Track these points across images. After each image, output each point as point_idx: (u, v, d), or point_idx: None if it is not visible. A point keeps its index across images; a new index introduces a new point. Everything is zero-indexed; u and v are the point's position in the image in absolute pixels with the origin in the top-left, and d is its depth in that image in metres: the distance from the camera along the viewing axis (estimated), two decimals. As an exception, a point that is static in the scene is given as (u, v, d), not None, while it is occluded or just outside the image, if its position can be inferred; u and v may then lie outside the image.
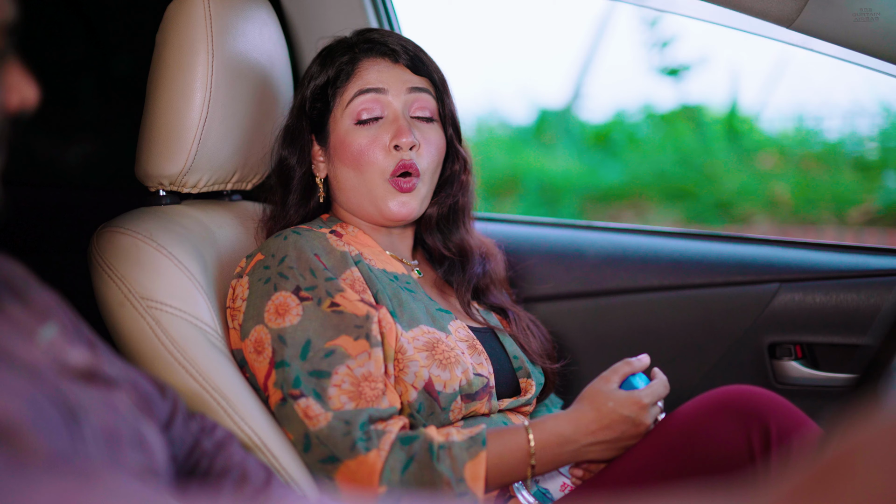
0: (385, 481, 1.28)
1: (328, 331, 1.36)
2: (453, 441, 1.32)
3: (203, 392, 1.35)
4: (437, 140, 1.56)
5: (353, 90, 1.53)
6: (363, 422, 1.31)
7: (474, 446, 1.31)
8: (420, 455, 1.29)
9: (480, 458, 1.30)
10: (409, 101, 1.54)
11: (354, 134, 1.53)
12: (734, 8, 1.55)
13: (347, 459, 1.30)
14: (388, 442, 1.29)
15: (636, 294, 1.94)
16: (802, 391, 1.82)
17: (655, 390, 1.39)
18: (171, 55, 1.50)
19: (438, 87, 1.57)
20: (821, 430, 1.33)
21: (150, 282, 1.39)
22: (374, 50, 1.55)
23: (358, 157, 1.52)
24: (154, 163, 1.52)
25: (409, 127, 1.52)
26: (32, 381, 0.84)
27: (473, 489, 1.29)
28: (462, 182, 1.63)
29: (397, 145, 1.50)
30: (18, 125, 0.90)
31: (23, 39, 0.88)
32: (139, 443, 0.95)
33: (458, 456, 1.30)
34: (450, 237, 1.64)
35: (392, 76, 1.54)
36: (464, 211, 1.65)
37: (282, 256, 1.42)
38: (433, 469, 1.28)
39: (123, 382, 1.01)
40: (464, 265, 1.64)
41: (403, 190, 1.52)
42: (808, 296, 1.82)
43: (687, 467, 1.31)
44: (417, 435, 1.32)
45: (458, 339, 1.49)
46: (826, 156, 4.86)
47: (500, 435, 1.35)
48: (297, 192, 1.58)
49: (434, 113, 1.56)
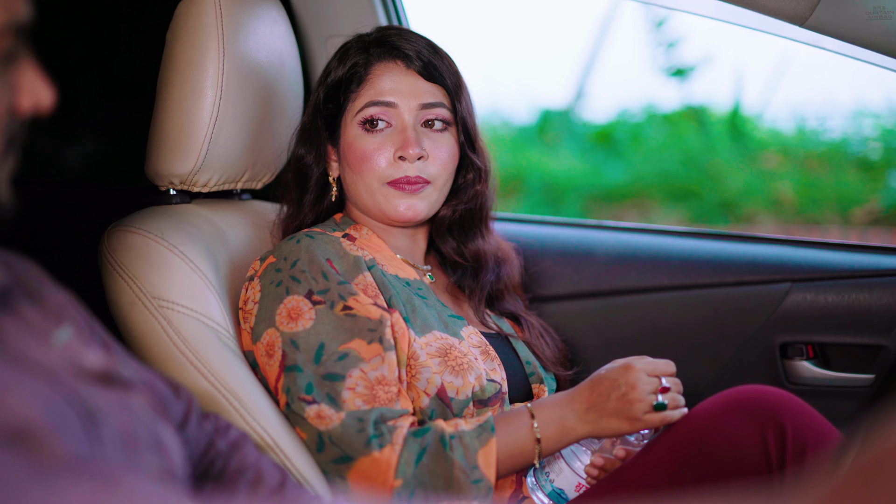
0: (401, 474, 1.28)
1: (341, 334, 1.36)
2: (463, 430, 1.33)
3: (215, 392, 1.34)
4: (449, 148, 1.54)
5: (365, 100, 1.52)
6: (375, 419, 1.31)
7: (484, 433, 1.33)
8: (432, 446, 1.30)
9: (491, 444, 1.32)
10: (419, 116, 1.52)
11: (361, 140, 1.52)
12: (748, 6, 1.55)
13: (362, 457, 1.30)
14: (400, 436, 1.30)
15: (646, 294, 1.93)
16: (814, 391, 1.81)
17: (650, 360, 1.37)
18: (182, 54, 1.50)
19: (451, 94, 1.55)
20: (837, 430, 1.32)
21: (161, 281, 1.39)
22: (387, 54, 1.54)
23: (361, 162, 1.51)
24: (164, 162, 1.51)
25: (417, 137, 1.50)
26: (50, 383, 0.84)
27: (487, 475, 1.30)
28: (476, 191, 1.60)
29: (402, 156, 1.49)
30: (31, 126, 0.89)
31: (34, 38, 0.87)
32: (156, 445, 0.94)
33: (469, 444, 1.31)
34: (464, 243, 1.62)
35: (404, 86, 1.52)
36: (480, 217, 1.63)
37: (294, 260, 1.41)
38: (446, 458, 1.29)
39: (139, 384, 1.01)
40: (477, 272, 1.63)
41: (409, 192, 1.51)
42: (819, 295, 1.81)
43: (702, 467, 1.30)
44: (428, 427, 1.33)
45: (471, 346, 1.49)
46: (830, 155, 4.85)
47: (506, 419, 1.36)
48: (314, 191, 1.57)
49: (447, 121, 1.54)
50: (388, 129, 1.52)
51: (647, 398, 1.33)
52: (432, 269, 1.63)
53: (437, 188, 1.53)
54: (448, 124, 1.55)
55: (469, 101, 1.58)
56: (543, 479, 1.42)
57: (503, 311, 1.68)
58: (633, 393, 1.33)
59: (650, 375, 1.35)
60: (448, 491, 1.29)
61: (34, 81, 0.85)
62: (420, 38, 1.56)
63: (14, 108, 0.84)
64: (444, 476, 1.29)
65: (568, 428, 1.35)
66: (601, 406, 1.34)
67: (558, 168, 5.10)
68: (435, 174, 1.52)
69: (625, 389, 1.33)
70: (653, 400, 1.33)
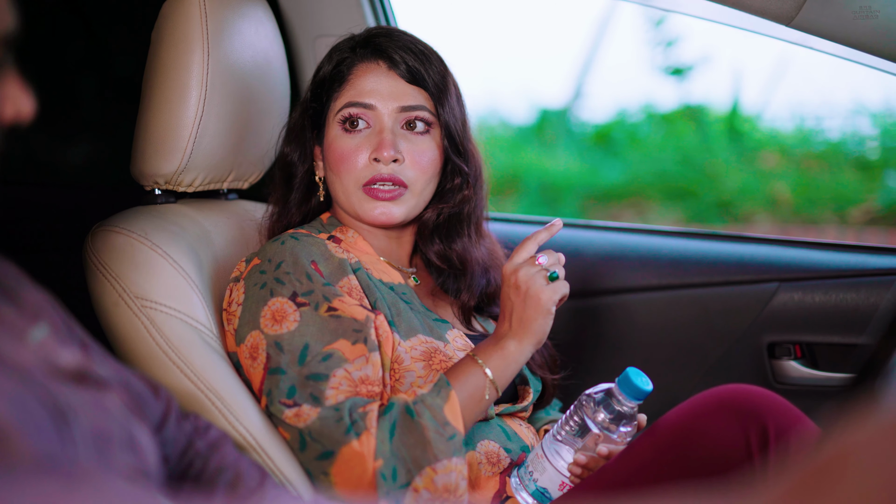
0: (379, 454, 1.29)
1: (326, 335, 1.36)
2: (423, 394, 1.36)
3: (197, 392, 1.35)
4: (427, 151, 1.52)
5: (345, 99, 1.52)
6: (350, 407, 1.32)
7: (443, 389, 1.36)
8: (400, 418, 1.32)
9: (452, 397, 1.35)
10: (399, 118, 1.52)
11: (341, 139, 1.52)
12: (734, 6, 1.54)
13: (343, 447, 1.30)
14: (372, 419, 1.31)
15: (634, 293, 1.93)
16: (801, 391, 1.81)
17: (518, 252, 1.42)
18: (167, 53, 1.50)
19: (434, 97, 1.53)
20: (819, 429, 1.32)
21: (144, 281, 1.39)
22: (371, 55, 1.53)
23: (339, 163, 1.51)
24: (149, 161, 1.51)
25: (394, 140, 1.49)
26: (21, 382, 0.84)
27: (458, 427, 1.33)
28: (464, 196, 1.58)
29: (377, 158, 1.49)
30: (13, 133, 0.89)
31: (22, 39, 0.87)
32: (130, 444, 0.94)
33: (432, 404, 1.34)
34: (450, 246, 1.59)
35: (384, 88, 1.51)
36: (468, 221, 1.60)
37: (279, 262, 1.41)
38: (416, 425, 1.31)
39: (115, 383, 1.01)
40: (462, 276, 1.60)
41: (382, 199, 1.50)
42: (807, 295, 1.81)
43: (685, 466, 1.30)
44: (392, 402, 1.34)
45: (457, 349, 1.49)
46: (827, 155, 4.85)
47: (454, 370, 1.40)
48: (300, 190, 1.57)
49: (429, 122, 1.53)
50: (366, 129, 1.51)
51: (541, 283, 1.38)
52: (417, 272, 1.63)
53: (416, 193, 1.52)
54: (430, 126, 1.53)
55: (456, 104, 1.56)
56: (527, 478, 1.42)
57: (492, 314, 1.68)
58: (530, 289, 1.38)
59: (525, 263, 1.40)
60: (426, 455, 1.30)
61: (16, 90, 0.86)
62: (408, 39, 1.55)
63: None
64: (419, 443, 1.30)
65: (508, 351, 1.40)
66: (519, 317, 1.39)
67: (556, 167, 5.10)
68: (412, 178, 1.51)
69: (523, 291, 1.38)
70: (544, 282, 1.38)
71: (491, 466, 1.42)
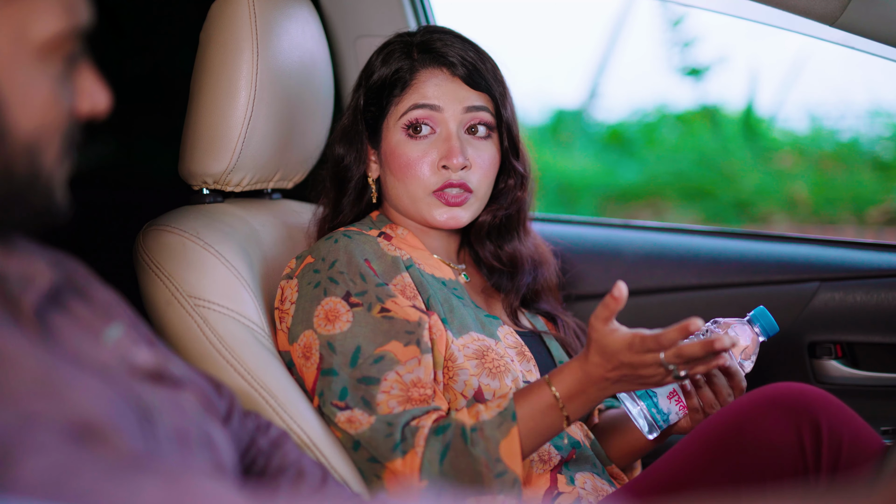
0: (425, 475, 1.28)
1: (378, 336, 1.36)
2: (484, 421, 1.30)
3: (252, 391, 1.35)
4: (491, 157, 1.53)
5: (409, 103, 1.51)
6: (405, 422, 1.31)
7: (505, 423, 1.30)
8: (454, 442, 1.29)
9: (513, 434, 1.29)
10: (464, 120, 1.52)
11: (405, 146, 1.51)
12: (778, 6, 1.54)
13: (388, 462, 1.30)
14: (422, 437, 1.29)
15: (674, 293, 1.93)
16: (842, 390, 1.80)
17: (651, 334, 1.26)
18: (216, 54, 1.50)
19: (496, 100, 1.54)
20: (871, 428, 1.32)
21: (197, 280, 1.39)
22: (433, 61, 1.53)
23: (405, 170, 1.51)
24: (198, 161, 1.52)
25: (461, 146, 1.50)
26: (106, 381, 0.84)
27: (511, 466, 1.28)
28: (517, 197, 1.59)
29: (446, 165, 1.50)
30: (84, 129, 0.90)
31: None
32: (207, 442, 0.95)
33: (490, 436, 1.29)
34: (502, 247, 1.61)
35: (448, 92, 1.51)
36: (518, 222, 1.62)
37: (332, 261, 1.42)
38: (469, 454, 1.28)
39: (188, 382, 1.01)
40: (513, 274, 1.62)
41: (452, 204, 1.50)
42: (848, 295, 1.81)
43: (737, 462, 1.30)
44: (449, 423, 1.31)
45: (507, 346, 1.49)
46: (844, 155, 4.84)
47: (526, 397, 1.32)
48: (353, 193, 1.58)
49: (490, 126, 1.54)
50: (431, 135, 1.51)
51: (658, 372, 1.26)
52: (466, 268, 1.63)
53: (479, 197, 1.53)
54: (491, 130, 1.54)
55: (513, 106, 1.57)
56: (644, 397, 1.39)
57: (538, 310, 1.69)
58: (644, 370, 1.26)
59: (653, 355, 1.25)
60: (474, 486, 1.29)
61: (92, 85, 0.86)
62: (465, 43, 1.56)
63: (73, 111, 0.85)
64: (468, 472, 1.29)
65: (592, 392, 1.30)
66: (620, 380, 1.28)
67: (572, 168, 5.10)
68: (476, 183, 1.52)
69: (642, 370, 1.26)
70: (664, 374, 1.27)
71: (542, 464, 1.43)
